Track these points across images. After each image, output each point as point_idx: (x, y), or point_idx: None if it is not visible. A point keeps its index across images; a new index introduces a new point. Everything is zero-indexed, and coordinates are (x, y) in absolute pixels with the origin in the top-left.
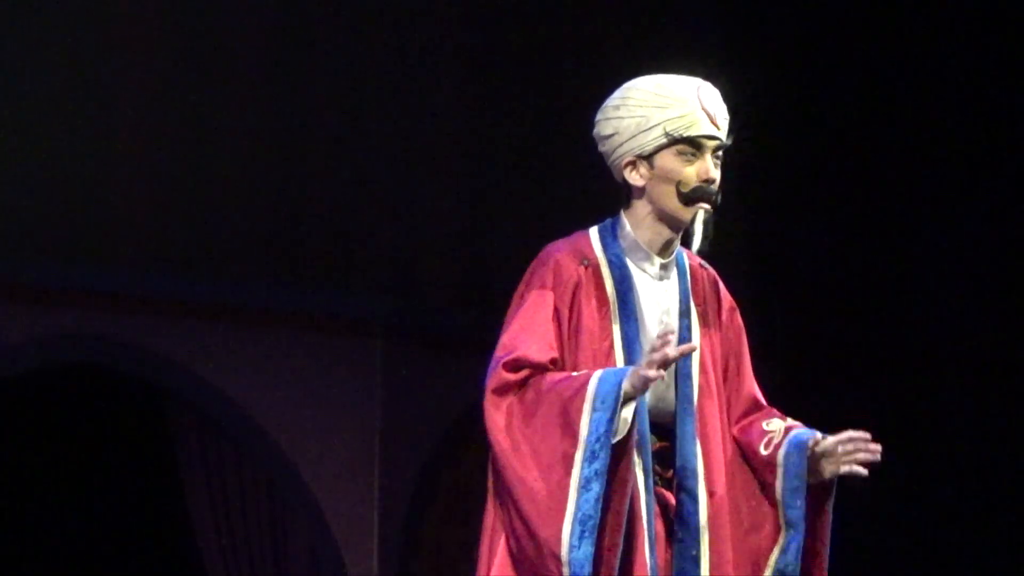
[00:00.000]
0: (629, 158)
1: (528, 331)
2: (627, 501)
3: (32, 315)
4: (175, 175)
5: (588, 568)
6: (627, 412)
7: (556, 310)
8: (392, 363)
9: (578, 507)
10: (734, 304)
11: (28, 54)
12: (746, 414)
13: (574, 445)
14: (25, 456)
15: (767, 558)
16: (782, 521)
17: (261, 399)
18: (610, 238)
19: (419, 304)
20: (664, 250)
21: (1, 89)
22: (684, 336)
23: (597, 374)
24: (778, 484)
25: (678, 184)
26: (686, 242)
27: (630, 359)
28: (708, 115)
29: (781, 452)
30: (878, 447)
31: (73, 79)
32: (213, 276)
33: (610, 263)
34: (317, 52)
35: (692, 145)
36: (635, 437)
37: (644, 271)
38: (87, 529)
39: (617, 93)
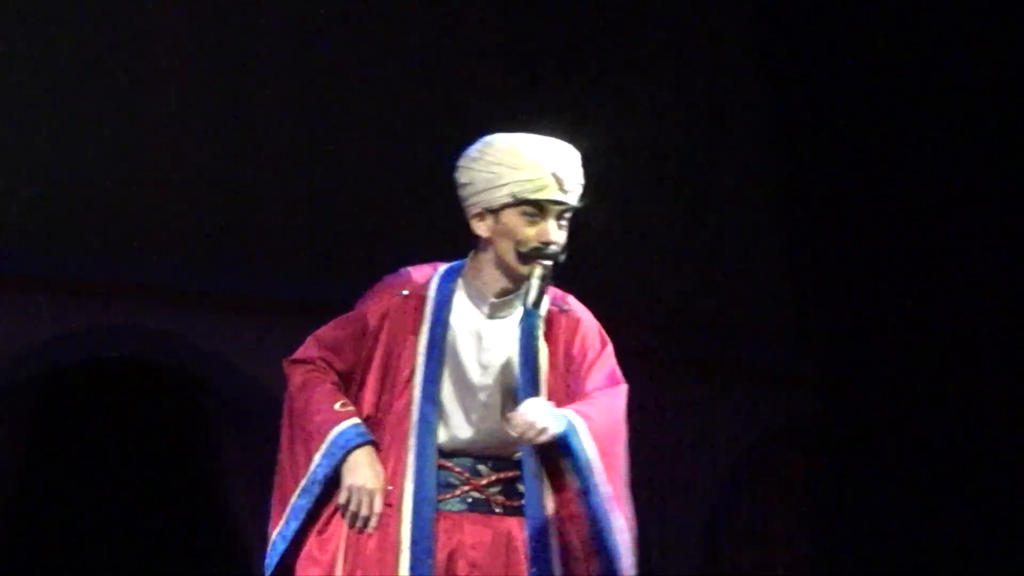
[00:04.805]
0: (477, 209)
1: (326, 338)
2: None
3: (70, 308)
4: (212, 168)
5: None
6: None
7: (365, 328)
8: None
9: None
10: (589, 328)
11: (67, 50)
12: None
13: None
14: (63, 449)
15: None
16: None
17: None
18: (450, 275)
19: None
20: (501, 295)
21: (42, 86)
22: (527, 376)
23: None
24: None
25: (516, 243)
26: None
27: (426, 393)
28: (557, 180)
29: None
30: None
31: (112, 76)
32: (251, 268)
33: (436, 300)
34: (352, 46)
35: (536, 207)
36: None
37: (478, 310)
38: (127, 523)
39: (478, 144)
